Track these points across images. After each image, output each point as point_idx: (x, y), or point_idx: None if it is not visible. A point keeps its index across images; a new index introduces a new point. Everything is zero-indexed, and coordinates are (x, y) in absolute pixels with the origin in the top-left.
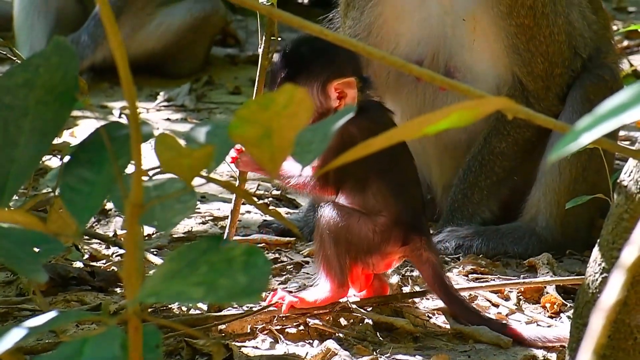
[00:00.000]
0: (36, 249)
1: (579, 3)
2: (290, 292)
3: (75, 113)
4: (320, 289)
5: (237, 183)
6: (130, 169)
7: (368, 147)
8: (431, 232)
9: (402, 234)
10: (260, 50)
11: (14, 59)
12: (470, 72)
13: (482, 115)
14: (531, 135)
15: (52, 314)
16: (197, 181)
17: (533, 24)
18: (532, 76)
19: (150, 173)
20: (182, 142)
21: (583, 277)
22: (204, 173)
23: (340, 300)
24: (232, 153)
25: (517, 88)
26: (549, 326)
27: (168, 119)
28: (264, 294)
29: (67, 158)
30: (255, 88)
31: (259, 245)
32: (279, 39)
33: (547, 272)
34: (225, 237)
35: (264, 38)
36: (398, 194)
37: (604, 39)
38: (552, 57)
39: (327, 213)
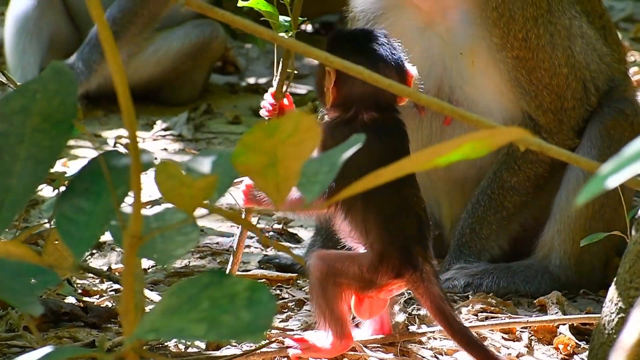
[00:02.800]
0: (31, 281)
1: (582, 35)
2: (296, 338)
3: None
4: (325, 339)
5: (242, 214)
6: (129, 199)
7: (377, 177)
8: (438, 267)
9: (393, 266)
10: (275, 82)
11: (7, 84)
12: (474, 106)
13: (496, 146)
14: (543, 171)
15: (45, 350)
16: (196, 213)
17: (530, 56)
18: (541, 110)
19: (149, 204)
20: (182, 171)
21: (597, 315)
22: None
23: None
24: (243, 187)
25: (527, 123)
26: None
27: (165, 149)
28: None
29: (63, 188)
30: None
31: (260, 281)
32: (295, 72)
33: (557, 312)
34: (227, 271)
35: (279, 70)
36: (387, 224)
37: (619, 71)
38: (558, 90)
39: (313, 264)
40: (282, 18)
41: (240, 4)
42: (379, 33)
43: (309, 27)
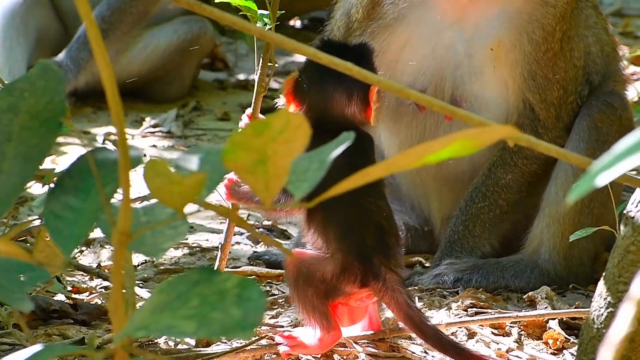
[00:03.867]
0: (21, 278)
1: (594, 25)
2: (285, 335)
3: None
4: (313, 335)
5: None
6: (118, 196)
7: (367, 174)
8: (427, 265)
9: (355, 276)
10: (255, 76)
11: None
12: (478, 101)
13: (486, 144)
14: (537, 167)
15: (35, 348)
16: (186, 210)
17: (559, 48)
18: (545, 104)
19: (138, 201)
20: (171, 169)
21: (586, 309)
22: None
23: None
24: (225, 181)
25: (527, 116)
26: None
27: (154, 146)
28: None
29: (52, 185)
30: (245, 112)
31: (249, 277)
32: (276, 65)
33: (546, 307)
34: (216, 266)
35: (260, 64)
36: (345, 235)
37: (614, 61)
38: (568, 84)
39: (286, 264)
40: (261, 12)
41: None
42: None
43: (297, 23)
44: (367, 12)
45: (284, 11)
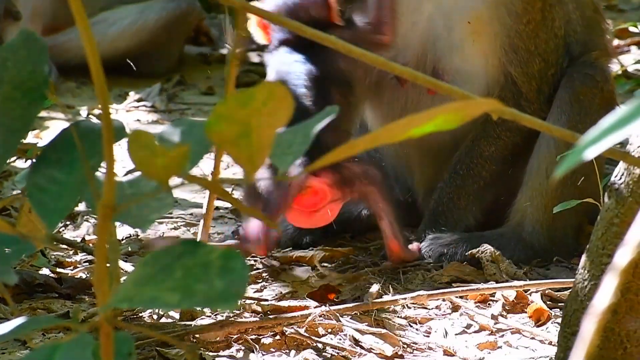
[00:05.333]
0: (5, 250)
1: None
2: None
3: (40, 113)
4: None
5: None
6: (102, 169)
7: (352, 147)
8: (411, 238)
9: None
10: (228, 47)
11: None
12: (460, 74)
13: (469, 117)
14: (520, 139)
15: (19, 321)
16: (170, 183)
17: (541, 17)
18: (527, 77)
19: (123, 174)
20: (155, 141)
21: (568, 280)
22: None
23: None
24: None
25: (509, 89)
26: (532, 338)
27: (138, 120)
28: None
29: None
30: (225, 86)
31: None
32: (250, 36)
33: (494, 273)
34: (198, 238)
35: (233, 34)
36: None
37: (597, 27)
38: (549, 56)
39: None
40: None
41: None
42: None
43: None
44: None
45: None
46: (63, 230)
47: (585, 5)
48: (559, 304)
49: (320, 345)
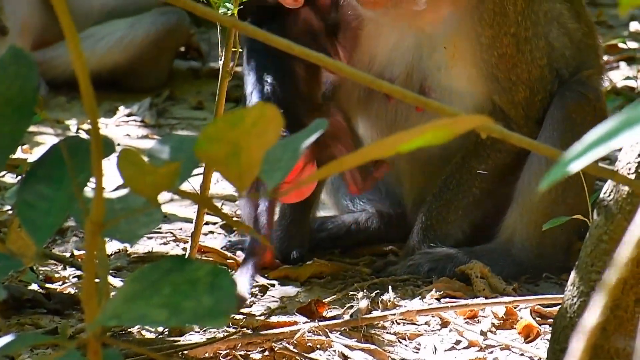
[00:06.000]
0: None
1: (559, 15)
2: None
3: (30, 128)
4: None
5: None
6: (92, 184)
7: (342, 164)
8: (400, 254)
9: None
10: (220, 63)
11: None
12: (447, 93)
13: (458, 133)
14: (511, 161)
15: (8, 338)
16: (160, 198)
17: (515, 51)
18: (513, 104)
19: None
20: (144, 158)
21: (557, 296)
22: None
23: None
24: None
25: (497, 116)
26: (521, 354)
27: (128, 135)
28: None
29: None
30: (216, 101)
31: (228, 261)
32: (241, 50)
33: (484, 289)
34: (187, 253)
35: (224, 50)
36: None
37: (589, 49)
38: (534, 84)
39: None
40: None
41: None
42: None
43: None
44: None
45: None
46: (52, 245)
47: (573, 31)
48: (548, 320)
49: None
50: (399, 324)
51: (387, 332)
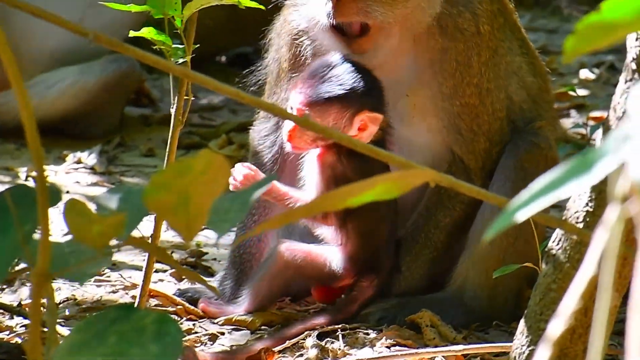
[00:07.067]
0: None
1: (518, 69)
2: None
3: None
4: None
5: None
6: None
7: (290, 216)
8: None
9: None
10: (172, 110)
11: None
12: (408, 146)
13: (409, 187)
14: (472, 211)
15: None
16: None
17: (477, 102)
18: (473, 154)
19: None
20: (92, 206)
21: (506, 344)
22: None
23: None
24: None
25: (458, 165)
26: None
27: (78, 182)
28: None
29: None
30: (167, 149)
31: (177, 307)
32: (193, 98)
33: (434, 338)
34: (137, 302)
35: (176, 98)
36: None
37: (544, 102)
38: (493, 136)
39: (280, 252)
40: (175, 46)
41: (131, 34)
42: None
43: (223, 58)
44: (291, 64)
45: (198, 44)
46: (0, 294)
47: (530, 85)
48: None
49: None
50: None
51: None
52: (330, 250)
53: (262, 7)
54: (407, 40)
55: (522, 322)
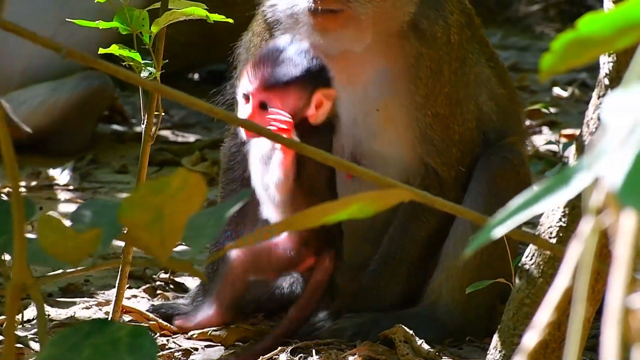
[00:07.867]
0: None
1: (487, 80)
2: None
3: None
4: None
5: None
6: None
7: (267, 233)
8: (327, 313)
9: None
10: (143, 127)
11: None
12: (379, 159)
13: (384, 207)
14: (445, 223)
15: None
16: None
17: (448, 112)
18: (447, 165)
19: None
20: (66, 222)
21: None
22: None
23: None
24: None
25: (431, 177)
26: None
27: (50, 198)
28: None
29: None
30: (139, 166)
31: (150, 322)
32: (165, 115)
33: (407, 353)
34: (110, 318)
35: (147, 114)
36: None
37: (514, 115)
38: (465, 146)
39: (235, 258)
40: (145, 62)
41: (100, 51)
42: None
43: (196, 76)
44: None
45: (167, 60)
46: None
47: (499, 96)
48: None
49: None
50: None
51: None
52: (281, 238)
53: (230, 20)
54: (380, 42)
55: (495, 337)
